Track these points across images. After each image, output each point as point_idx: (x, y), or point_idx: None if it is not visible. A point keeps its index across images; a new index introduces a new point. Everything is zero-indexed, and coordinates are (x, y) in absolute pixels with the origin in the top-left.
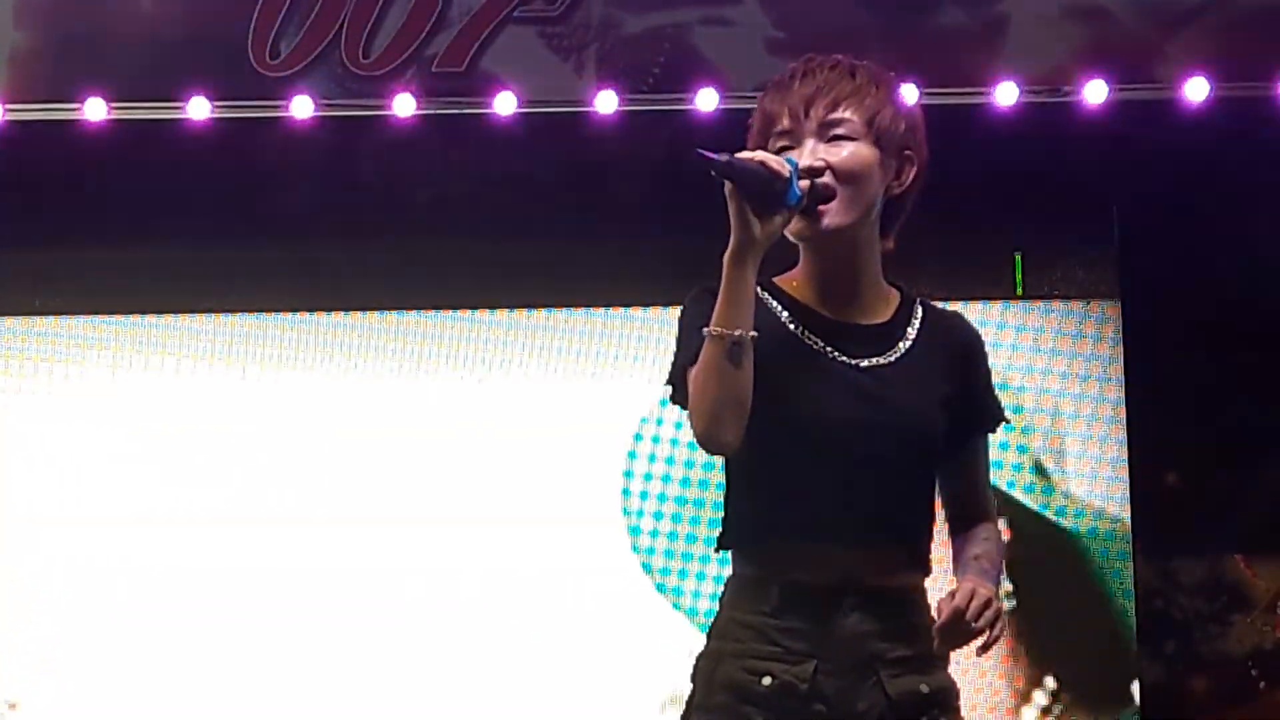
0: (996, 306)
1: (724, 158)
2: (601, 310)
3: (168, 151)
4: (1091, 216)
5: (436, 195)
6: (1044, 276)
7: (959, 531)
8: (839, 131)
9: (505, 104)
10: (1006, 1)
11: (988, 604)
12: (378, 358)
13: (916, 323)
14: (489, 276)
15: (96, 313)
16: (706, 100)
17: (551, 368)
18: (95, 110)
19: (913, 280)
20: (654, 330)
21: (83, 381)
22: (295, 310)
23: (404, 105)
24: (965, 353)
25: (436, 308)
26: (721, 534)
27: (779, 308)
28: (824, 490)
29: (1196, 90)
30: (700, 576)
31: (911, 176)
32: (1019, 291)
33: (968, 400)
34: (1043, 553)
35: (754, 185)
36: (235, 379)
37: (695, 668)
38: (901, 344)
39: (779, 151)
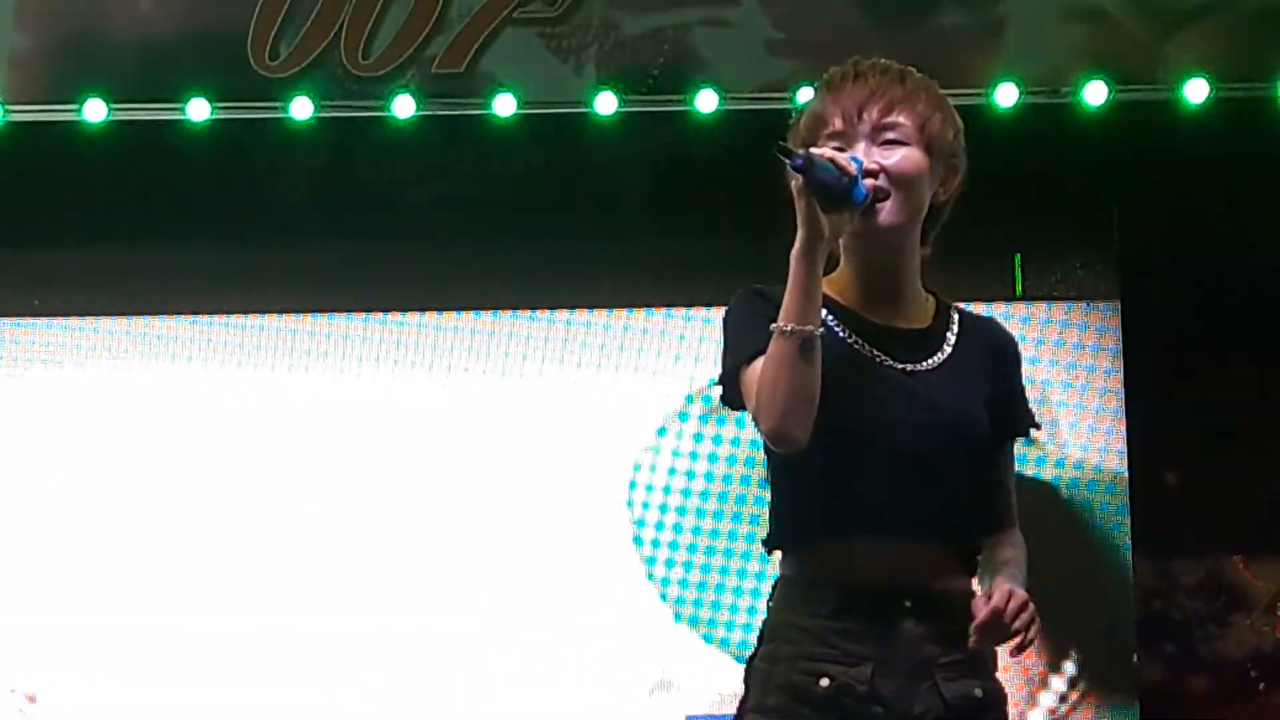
0: (996, 307)
1: (803, 153)
2: (603, 312)
3: (167, 153)
4: (1091, 217)
5: (436, 196)
6: (1044, 277)
7: (985, 536)
8: (892, 136)
9: (505, 105)
10: (1006, 2)
11: (1024, 606)
12: (377, 359)
13: (955, 328)
14: (488, 278)
15: (96, 314)
16: (706, 101)
17: (551, 369)
18: (95, 111)
19: None
20: (653, 333)
21: (82, 382)
22: (294, 311)
23: (404, 106)
24: (1003, 357)
25: (436, 309)
26: (770, 535)
27: (824, 312)
28: (879, 492)
29: (1196, 91)
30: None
31: (955, 185)
32: (1019, 292)
33: (1005, 404)
34: (1053, 540)
35: (827, 182)
36: (235, 380)
37: (749, 670)
38: (943, 349)
39: (834, 148)
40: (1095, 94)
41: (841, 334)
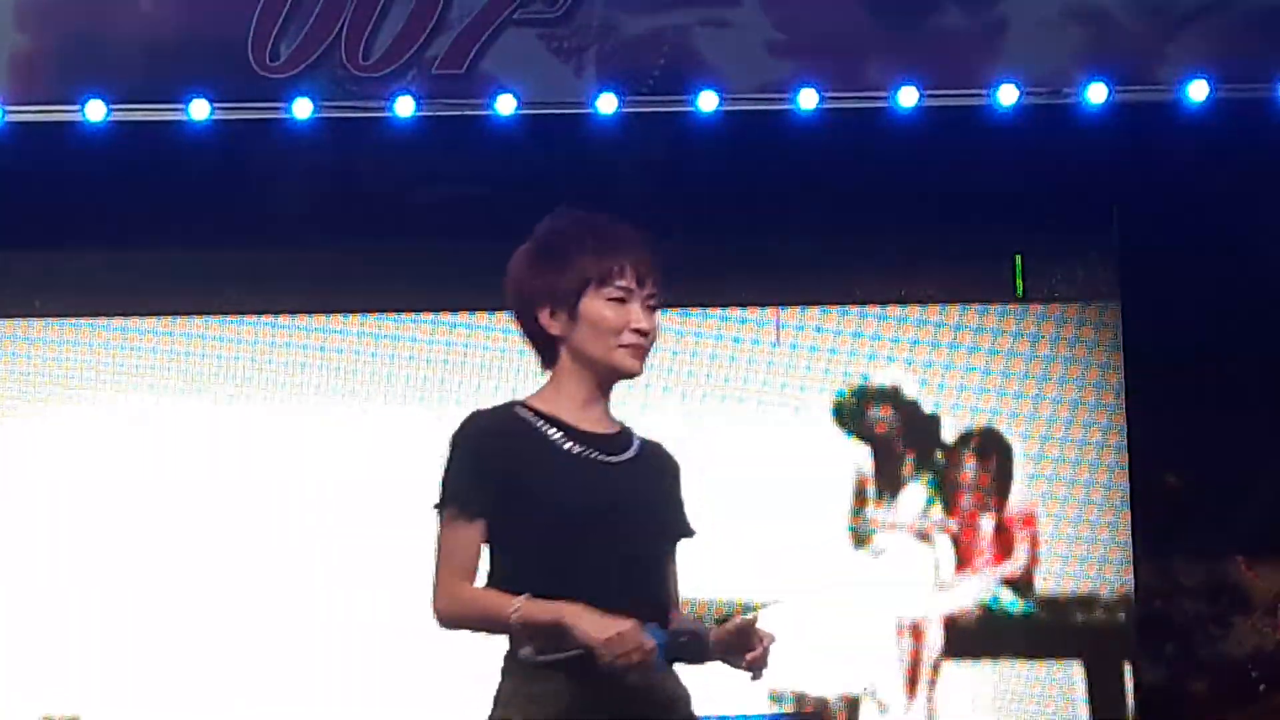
0: (997, 308)
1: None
2: None
3: (168, 153)
4: (1092, 218)
5: (436, 197)
6: (1044, 278)
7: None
8: (652, 302)
9: (505, 105)
10: (1007, 3)
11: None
12: (377, 359)
13: (638, 439)
14: (488, 279)
15: (96, 314)
16: (706, 102)
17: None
18: (96, 112)
19: (913, 282)
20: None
21: (82, 382)
22: (294, 311)
23: (404, 107)
24: (672, 470)
25: (436, 310)
26: None
27: (551, 429)
28: (592, 571)
29: (1197, 92)
30: None
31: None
32: (1019, 293)
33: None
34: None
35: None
36: (234, 380)
37: None
38: (633, 447)
39: (614, 299)
40: (1096, 94)
41: (562, 444)
